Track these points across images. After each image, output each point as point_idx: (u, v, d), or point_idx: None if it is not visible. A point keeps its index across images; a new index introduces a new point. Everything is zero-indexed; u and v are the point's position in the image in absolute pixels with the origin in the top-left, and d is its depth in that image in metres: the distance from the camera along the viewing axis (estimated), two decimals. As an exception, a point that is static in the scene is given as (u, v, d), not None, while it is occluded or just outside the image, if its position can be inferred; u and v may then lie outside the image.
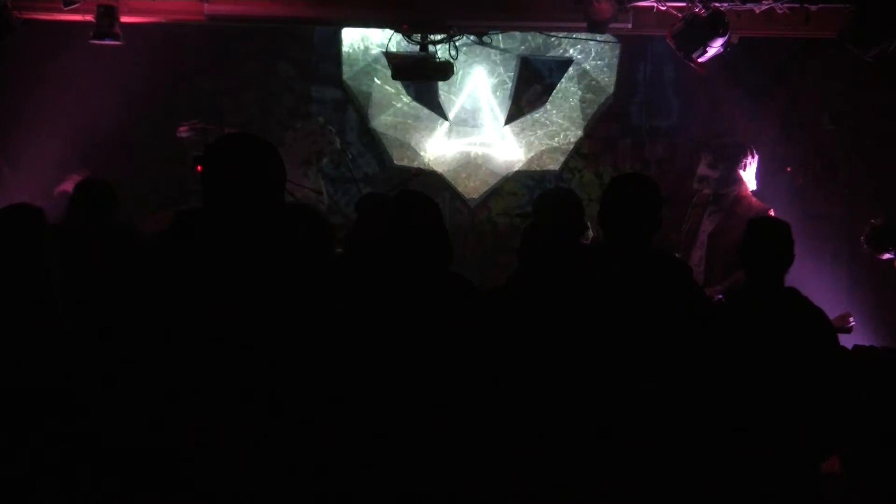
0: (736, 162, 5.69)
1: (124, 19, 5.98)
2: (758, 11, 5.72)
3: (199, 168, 6.56)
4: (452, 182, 7.68)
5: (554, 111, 7.67)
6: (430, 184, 7.44)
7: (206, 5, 6.08)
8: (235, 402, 2.46)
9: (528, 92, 7.71)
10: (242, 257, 2.53)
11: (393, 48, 6.78)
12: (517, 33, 7.33)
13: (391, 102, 7.70)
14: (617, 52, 7.55)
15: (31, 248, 2.79)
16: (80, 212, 4.48)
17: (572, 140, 7.70)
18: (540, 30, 7.08)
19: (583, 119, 7.68)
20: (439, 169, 7.68)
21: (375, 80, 7.65)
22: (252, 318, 2.49)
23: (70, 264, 2.94)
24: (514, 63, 7.56)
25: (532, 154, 7.72)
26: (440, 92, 7.56)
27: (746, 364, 3.46)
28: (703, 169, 5.74)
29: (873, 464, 3.56)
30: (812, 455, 3.57)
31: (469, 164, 7.71)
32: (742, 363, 3.46)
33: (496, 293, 3.47)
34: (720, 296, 4.87)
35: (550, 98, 7.65)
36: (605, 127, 7.72)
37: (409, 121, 7.70)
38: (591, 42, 7.42)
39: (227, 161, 2.59)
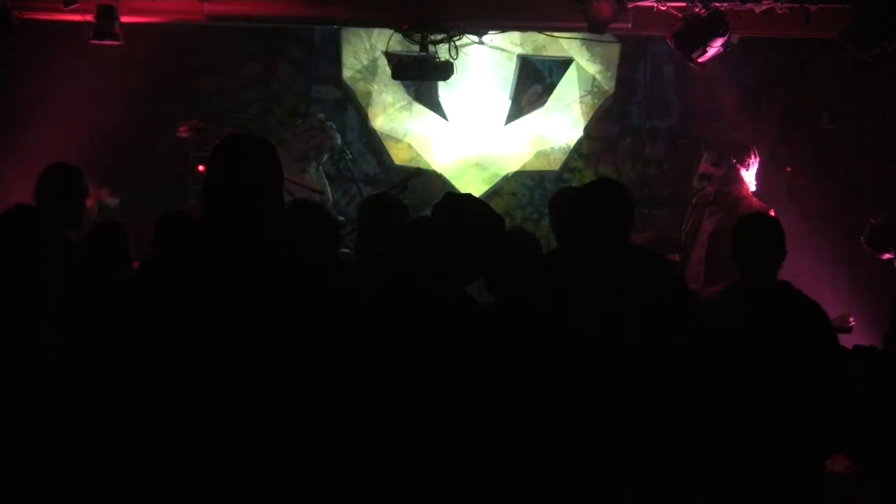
0: (739, 160, 5.70)
1: (124, 19, 5.97)
2: (758, 11, 5.72)
3: (200, 169, 6.60)
4: (452, 182, 7.68)
5: (554, 111, 7.66)
6: (430, 184, 7.43)
7: (206, 5, 6.08)
8: (236, 406, 2.46)
9: (528, 92, 7.71)
10: (246, 259, 2.53)
11: (393, 48, 6.78)
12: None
13: (391, 102, 7.70)
14: (617, 52, 7.56)
15: (33, 251, 2.71)
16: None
17: (572, 140, 7.70)
18: (540, 30, 7.07)
19: (583, 119, 7.68)
20: (439, 169, 7.67)
21: (375, 79, 7.64)
22: (254, 321, 2.49)
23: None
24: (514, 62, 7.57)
25: (532, 154, 7.71)
26: (440, 92, 7.56)
27: (742, 360, 3.46)
28: (705, 167, 5.75)
29: (887, 465, 3.56)
30: (814, 451, 3.57)
31: (469, 164, 7.70)
32: (737, 359, 3.45)
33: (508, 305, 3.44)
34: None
35: (550, 98, 7.66)
36: (605, 127, 7.72)
37: (409, 121, 7.70)
38: (591, 42, 7.41)
39: (230, 162, 2.59)
